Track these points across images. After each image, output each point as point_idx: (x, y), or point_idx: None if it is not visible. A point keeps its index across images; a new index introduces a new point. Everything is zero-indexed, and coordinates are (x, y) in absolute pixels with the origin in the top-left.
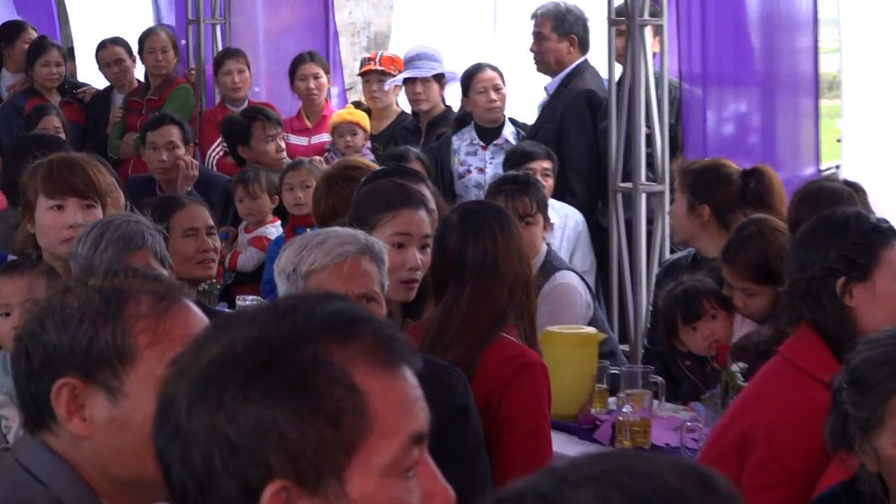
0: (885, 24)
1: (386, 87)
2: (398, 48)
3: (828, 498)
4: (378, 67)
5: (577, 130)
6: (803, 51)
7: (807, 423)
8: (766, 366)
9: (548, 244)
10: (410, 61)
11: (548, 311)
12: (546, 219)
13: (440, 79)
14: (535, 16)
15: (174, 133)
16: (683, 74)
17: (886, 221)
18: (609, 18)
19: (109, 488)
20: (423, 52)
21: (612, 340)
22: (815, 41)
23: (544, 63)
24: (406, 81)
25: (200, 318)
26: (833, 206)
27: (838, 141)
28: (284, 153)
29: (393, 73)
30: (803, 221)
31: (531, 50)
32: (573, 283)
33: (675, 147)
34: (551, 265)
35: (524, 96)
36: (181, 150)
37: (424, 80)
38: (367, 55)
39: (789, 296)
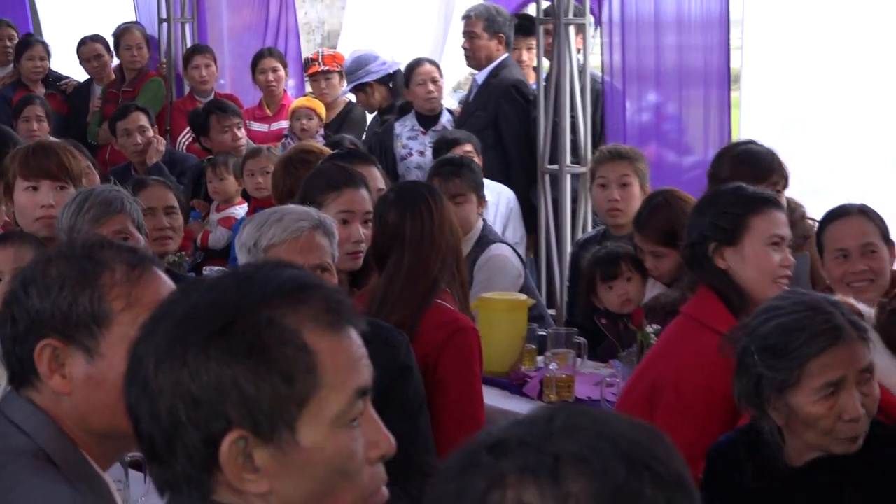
0: (784, 25)
1: (341, 97)
2: (347, 45)
3: (725, 442)
4: (323, 67)
5: (514, 116)
6: (716, 47)
7: (708, 368)
8: (671, 324)
9: (483, 219)
10: (354, 72)
11: (483, 280)
12: (481, 197)
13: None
14: (467, 16)
15: (142, 118)
16: (606, 69)
17: (763, 193)
18: (537, 18)
19: (88, 439)
20: (362, 61)
21: (540, 305)
22: (727, 39)
23: (475, 59)
24: (355, 90)
25: (169, 284)
26: (765, 167)
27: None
28: (242, 141)
29: (336, 68)
30: (735, 180)
31: (463, 47)
32: (506, 254)
33: (596, 134)
34: (486, 238)
35: None
36: (150, 133)
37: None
38: (311, 56)
39: (682, 260)
